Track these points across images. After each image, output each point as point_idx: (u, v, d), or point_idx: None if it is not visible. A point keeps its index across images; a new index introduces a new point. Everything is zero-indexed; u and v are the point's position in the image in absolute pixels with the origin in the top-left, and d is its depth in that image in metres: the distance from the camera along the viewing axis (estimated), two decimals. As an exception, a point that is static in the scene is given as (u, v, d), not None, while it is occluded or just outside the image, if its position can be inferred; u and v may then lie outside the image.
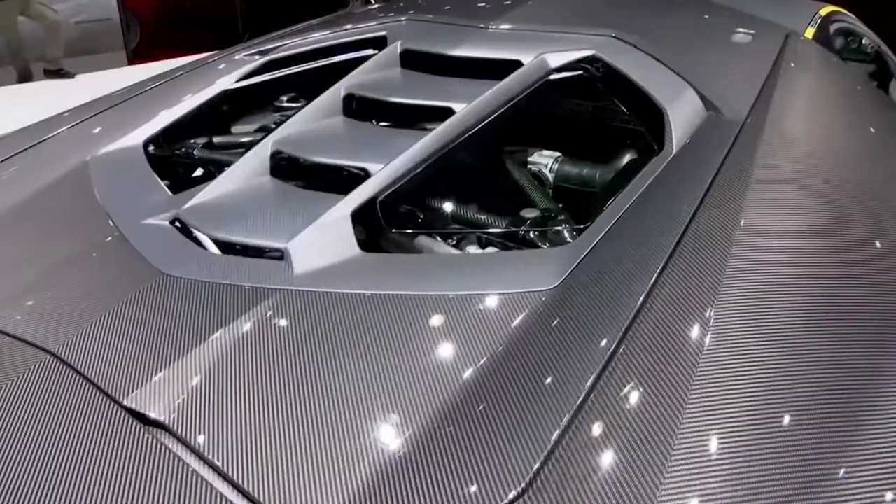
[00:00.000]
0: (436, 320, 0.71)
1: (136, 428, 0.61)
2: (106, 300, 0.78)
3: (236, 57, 1.56)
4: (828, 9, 1.80)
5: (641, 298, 0.66)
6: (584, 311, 0.68)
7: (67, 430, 0.61)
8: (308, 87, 1.45)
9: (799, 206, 0.84)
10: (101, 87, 1.73)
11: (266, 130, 1.43)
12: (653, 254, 0.73)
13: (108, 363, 0.68)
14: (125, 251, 0.88)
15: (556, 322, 0.68)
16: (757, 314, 0.65)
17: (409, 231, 0.99)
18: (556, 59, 1.21)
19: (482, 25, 1.39)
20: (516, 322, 0.69)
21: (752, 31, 1.43)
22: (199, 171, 1.33)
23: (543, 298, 0.71)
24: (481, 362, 0.64)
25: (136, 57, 5.43)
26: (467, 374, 0.63)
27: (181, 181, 1.24)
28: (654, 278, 0.69)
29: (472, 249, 0.98)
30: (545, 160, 1.26)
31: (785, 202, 0.84)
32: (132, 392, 0.64)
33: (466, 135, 1.06)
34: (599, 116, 1.34)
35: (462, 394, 0.61)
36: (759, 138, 0.96)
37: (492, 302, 0.72)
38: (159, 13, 6.61)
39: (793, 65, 1.28)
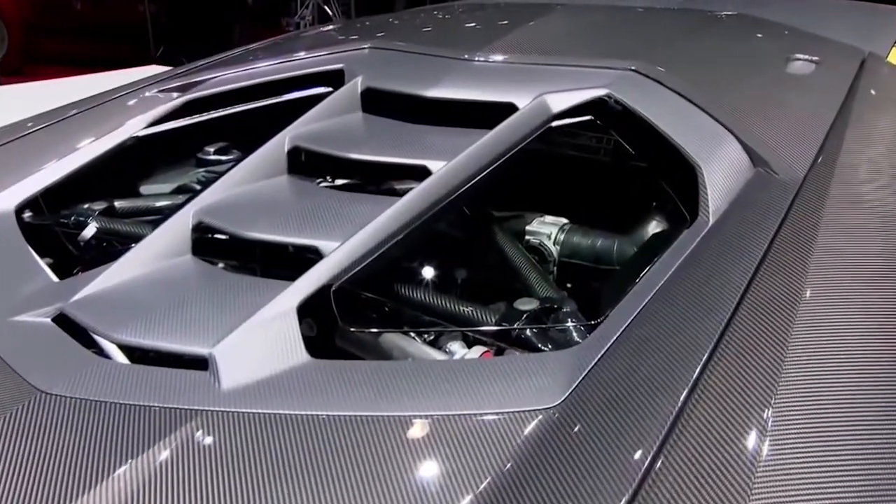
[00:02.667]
0: (409, 451, 0.75)
1: None
2: None
3: (148, 94, 1.63)
4: (923, 18, 1.89)
5: (672, 418, 0.70)
6: (595, 435, 0.72)
7: None
8: (243, 134, 1.52)
9: (879, 297, 0.88)
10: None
11: (187, 192, 1.49)
12: (687, 356, 0.78)
13: None
14: None
15: (558, 450, 0.72)
16: (825, 424, 0.70)
17: (373, 329, 1.05)
18: (559, 101, 1.30)
19: (466, 57, 1.49)
20: (508, 451, 0.72)
21: (815, 58, 1.52)
22: (93, 246, 1.36)
23: (544, 419, 0.76)
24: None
25: (2, 73, 5.57)
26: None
27: (70, 261, 1.28)
28: (688, 390, 0.73)
29: (454, 348, 1.03)
30: (547, 229, 1.33)
31: (858, 288, 0.89)
32: None
33: (446, 201, 1.13)
34: (615, 173, 1.41)
35: None
36: (823, 203, 1.02)
37: (476, 426, 0.76)
38: (37, 17, 6.76)
39: (871, 99, 1.37)
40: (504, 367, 0.85)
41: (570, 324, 1.02)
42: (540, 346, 1.00)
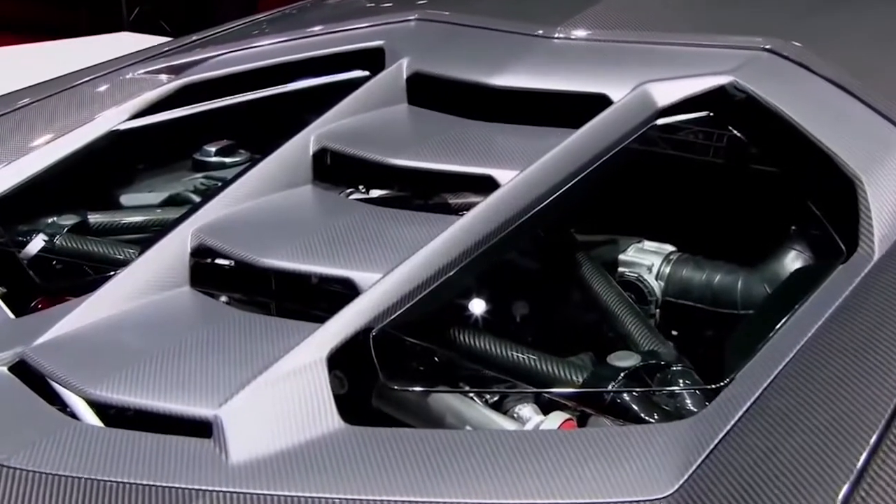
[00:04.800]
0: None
1: None
2: None
3: (130, 75, 1.67)
4: None
5: None
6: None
7: None
8: (254, 131, 1.56)
9: None
10: None
11: (182, 205, 1.52)
12: (847, 437, 0.77)
13: None
14: None
15: None
16: None
17: (422, 387, 1.06)
18: (666, 92, 1.30)
19: (542, 33, 1.50)
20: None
21: None
22: (61, 275, 1.40)
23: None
24: None
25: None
26: None
27: (30, 292, 1.31)
28: (850, 484, 0.72)
29: (526, 414, 1.04)
30: (648, 259, 1.34)
31: None
32: None
33: (518, 222, 1.14)
34: (740, 187, 1.41)
35: None
36: None
37: None
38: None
39: None
40: (595, 443, 0.85)
41: (682, 387, 1.03)
42: (643, 415, 1.00)
